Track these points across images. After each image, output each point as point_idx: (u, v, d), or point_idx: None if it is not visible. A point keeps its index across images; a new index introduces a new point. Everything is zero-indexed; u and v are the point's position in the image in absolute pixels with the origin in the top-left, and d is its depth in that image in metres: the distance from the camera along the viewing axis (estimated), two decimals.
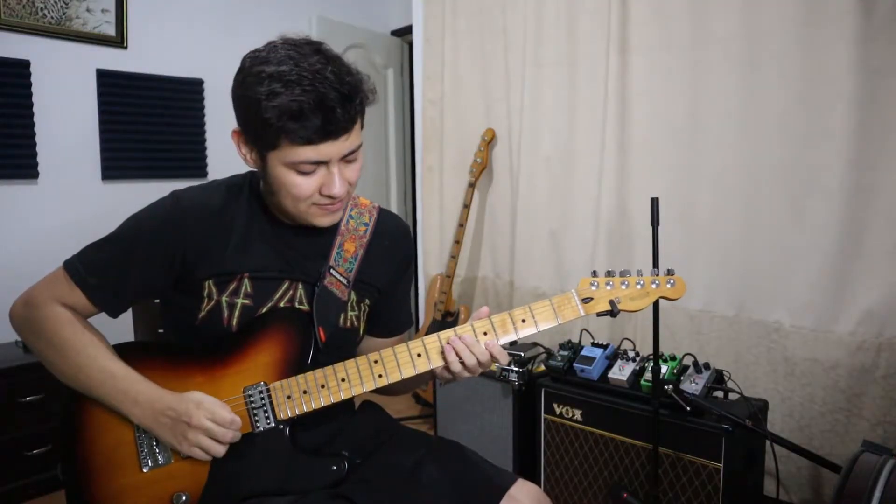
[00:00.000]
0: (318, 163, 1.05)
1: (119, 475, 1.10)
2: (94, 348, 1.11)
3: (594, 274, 1.11)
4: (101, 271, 1.13)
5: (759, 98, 2.11)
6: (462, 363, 1.09)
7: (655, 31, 2.34)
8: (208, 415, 1.05)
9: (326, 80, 1.00)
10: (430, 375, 1.15)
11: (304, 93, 0.98)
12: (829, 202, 1.97)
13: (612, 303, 1.09)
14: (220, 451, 1.06)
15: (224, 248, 1.13)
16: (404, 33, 4.14)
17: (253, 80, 1.01)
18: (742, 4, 2.12)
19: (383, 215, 1.30)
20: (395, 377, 1.10)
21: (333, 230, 1.22)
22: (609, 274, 1.11)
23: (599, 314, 1.11)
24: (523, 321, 1.09)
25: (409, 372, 1.11)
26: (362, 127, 1.10)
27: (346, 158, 1.08)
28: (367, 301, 1.26)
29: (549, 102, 2.68)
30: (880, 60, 1.86)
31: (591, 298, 1.09)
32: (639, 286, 1.10)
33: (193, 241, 1.13)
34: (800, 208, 2.05)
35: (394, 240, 1.30)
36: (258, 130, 1.03)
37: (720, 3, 2.17)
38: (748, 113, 2.14)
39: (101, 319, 1.19)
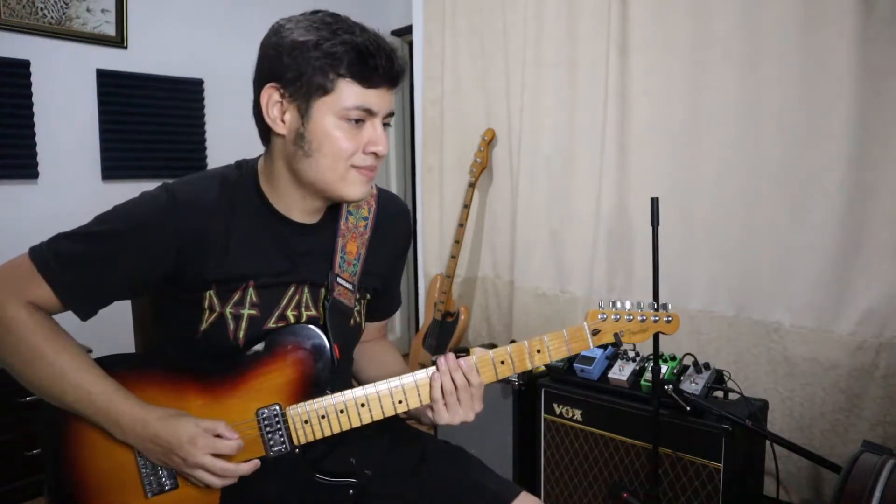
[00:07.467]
0: (368, 112, 1.00)
1: (119, 501, 1.02)
2: (69, 358, 0.99)
3: (601, 306, 1.18)
4: (76, 268, 1.00)
5: (759, 98, 2.11)
6: (443, 391, 1.06)
7: (655, 31, 2.34)
8: (207, 449, 0.97)
9: (377, 36, 1.01)
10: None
11: (363, 31, 0.99)
12: (829, 202, 1.98)
13: (616, 336, 1.17)
14: (223, 483, 1.00)
15: (224, 251, 1.04)
16: (404, 33, 4.13)
17: (303, 25, 0.98)
18: (742, 4, 2.12)
19: (382, 199, 1.23)
20: (414, 404, 1.08)
21: (333, 232, 1.15)
22: (614, 305, 1.18)
23: (604, 346, 1.14)
24: (538, 352, 1.14)
25: (427, 395, 1.08)
26: None
27: (385, 120, 1.06)
28: (367, 296, 1.24)
29: (549, 102, 2.68)
30: (880, 60, 1.87)
31: (599, 331, 1.17)
32: (640, 320, 1.19)
33: (190, 241, 1.02)
34: (800, 208, 2.05)
35: (393, 222, 1.25)
36: (312, 74, 0.97)
37: (720, 3, 2.17)
38: (748, 113, 2.14)
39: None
